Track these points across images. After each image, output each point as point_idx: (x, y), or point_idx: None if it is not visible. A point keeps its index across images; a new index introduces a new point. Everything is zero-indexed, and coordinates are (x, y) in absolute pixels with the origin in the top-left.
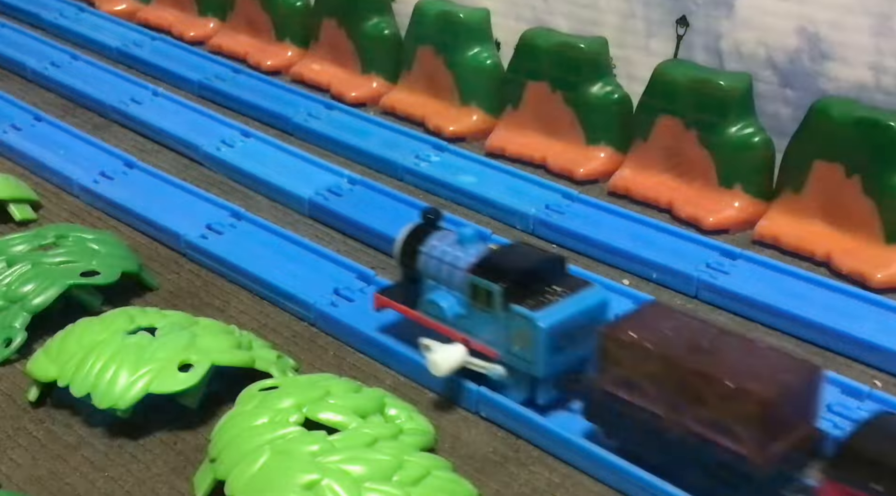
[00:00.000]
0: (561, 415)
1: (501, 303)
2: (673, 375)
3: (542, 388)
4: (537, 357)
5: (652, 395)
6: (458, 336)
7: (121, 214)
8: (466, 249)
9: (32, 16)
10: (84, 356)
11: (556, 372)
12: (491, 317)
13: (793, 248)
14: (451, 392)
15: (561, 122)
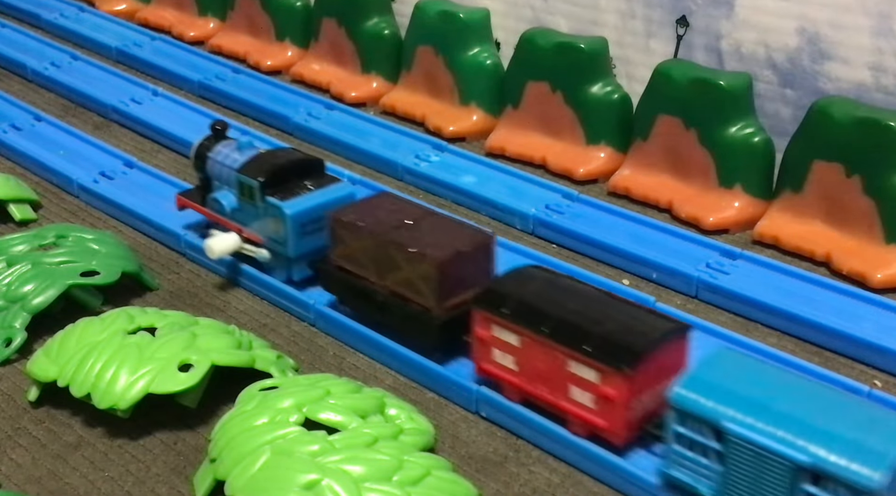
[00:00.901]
0: None
1: (260, 196)
2: (378, 248)
3: (296, 267)
4: (288, 240)
5: (366, 265)
6: (234, 227)
7: (121, 214)
8: (242, 154)
9: (32, 16)
10: (84, 356)
11: (305, 252)
12: (255, 208)
13: (793, 248)
14: (451, 392)
15: (561, 122)
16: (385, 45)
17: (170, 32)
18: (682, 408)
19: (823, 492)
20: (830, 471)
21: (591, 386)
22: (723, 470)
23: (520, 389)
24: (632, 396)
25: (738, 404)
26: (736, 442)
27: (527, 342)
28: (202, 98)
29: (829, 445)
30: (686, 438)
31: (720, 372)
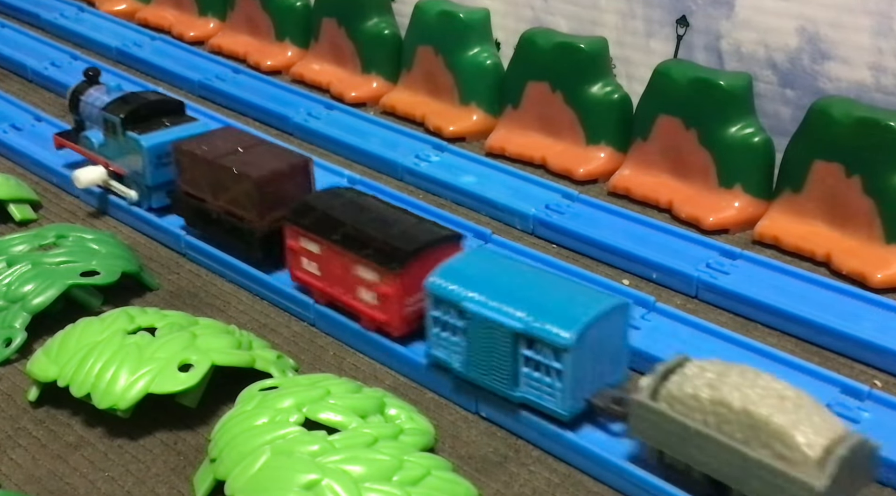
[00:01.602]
0: None
1: (121, 131)
2: (212, 172)
3: (155, 195)
4: (146, 170)
5: (203, 188)
6: (101, 161)
7: (121, 214)
8: (110, 96)
9: (32, 16)
10: (84, 356)
11: (162, 182)
12: (118, 143)
13: (793, 248)
14: (451, 392)
15: (561, 122)
16: (385, 45)
17: (170, 32)
18: (434, 294)
19: (536, 354)
20: (537, 335)
21: (373, 285)
22: (466, 343)
23: (323, 292)
24: (404, 293)
25: (474, 287)
26: (471, 317)
27: (325, 250)
28: (202, 98)
29: (538, 315)
30: (440, 320)
31: (469, 264)
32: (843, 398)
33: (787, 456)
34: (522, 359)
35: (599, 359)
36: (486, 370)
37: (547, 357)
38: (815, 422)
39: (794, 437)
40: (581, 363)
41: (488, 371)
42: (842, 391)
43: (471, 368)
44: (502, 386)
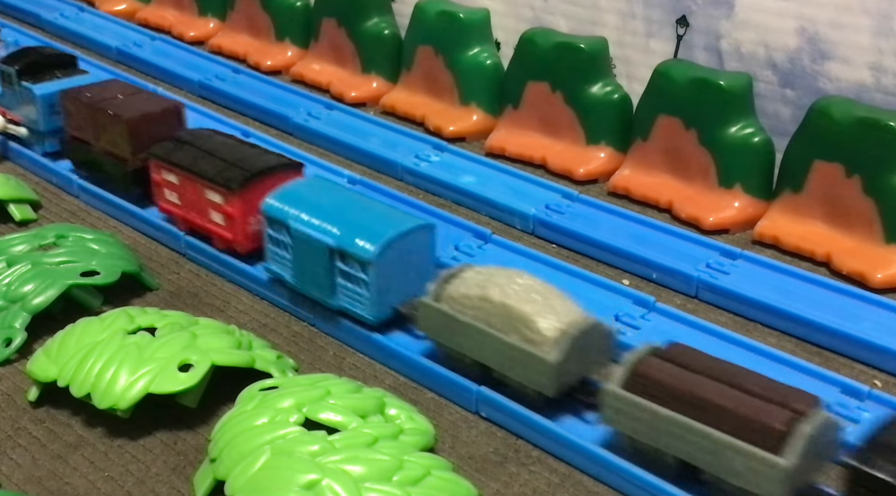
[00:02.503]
0: (561, 415)
1: (17, 81)
2: (92, 115)
3: (48, 141)
4: (39, 118)
5: (86, 131)
6: (0, 110)
7: (121, 214)
8: (8, 50)
9: (32, 16)
10: (84, 356)
11: (54, 128)
12: (14, 92)
13: (793, 248)
14: (451, 392)
15: (561, 122)
16: (385, 45)
17: (170, 32)
18: (267, 214)
19: (348, 266)
20: (347, 249)
21: (220, 207)
22: (294, 258)
23: (183, 219)
24: (246, 213)
25: (301, 208)
26: (296, 235)
27: (182, 179)
28: (202, 98)
29: (349, 232)
30: (274, 238)
31: (301, 189)
32: (843, 398)
33: (532, 338)
34: (338, 271)
35: (405, 273)
36: (311, 282)
37: (356, 269)
38: (557, 310)
39: (536, 323)
40: (385, 275)
41: (312, 282)
42: (842, 391)
43: (299, 280)
44: (323, 295)
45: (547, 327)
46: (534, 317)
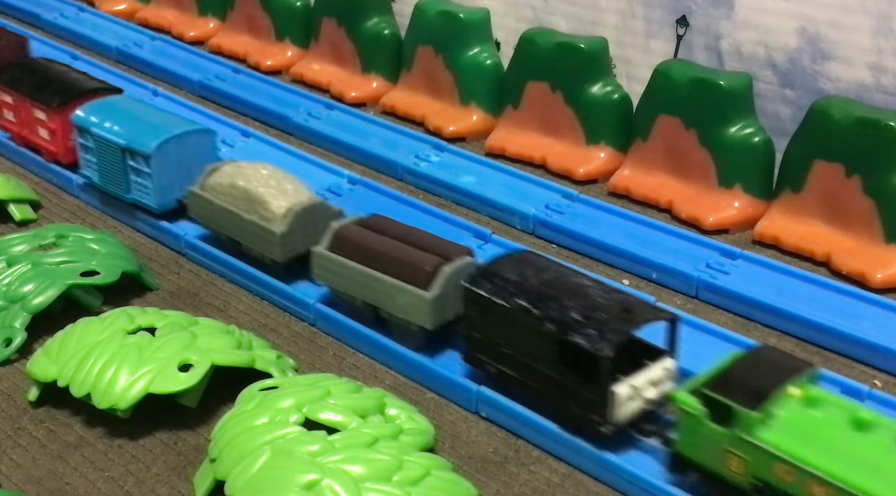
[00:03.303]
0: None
1: None
2: None
3: None
4: None
5: None
6: None
7: (121, 214)
8: None
9: (32, 16)
10: (84, 356)
11: None
12: None
13: (793, 248)
14: (451, 392)
15: (561, 122)
16: (385, 45)
17: (170, 32)
18: (76, 124)
19: (136, 163)
20: (133, 147)
21: (45, 124)
22: (97, 161)
23: (18, 135)
24: (66, 128)
25: (101, 117)
26: (96, 138)
27: (16, 100)
28: (202, 98)
29: (136, 134)
30: (83, 145)
31: (108, 104)
32: None
33: (265, 216)
34: (129, 168)
35: (186, 170)
36: (111, 180)
37: (141, 164)
38: (288, 193)
39: (269, 203)
40: (165, 169)
41: (112, 181)
42: (842, 391)
43: (102, 180)
44: (120, 191)
45: (277, 206)
46: (267, 199)
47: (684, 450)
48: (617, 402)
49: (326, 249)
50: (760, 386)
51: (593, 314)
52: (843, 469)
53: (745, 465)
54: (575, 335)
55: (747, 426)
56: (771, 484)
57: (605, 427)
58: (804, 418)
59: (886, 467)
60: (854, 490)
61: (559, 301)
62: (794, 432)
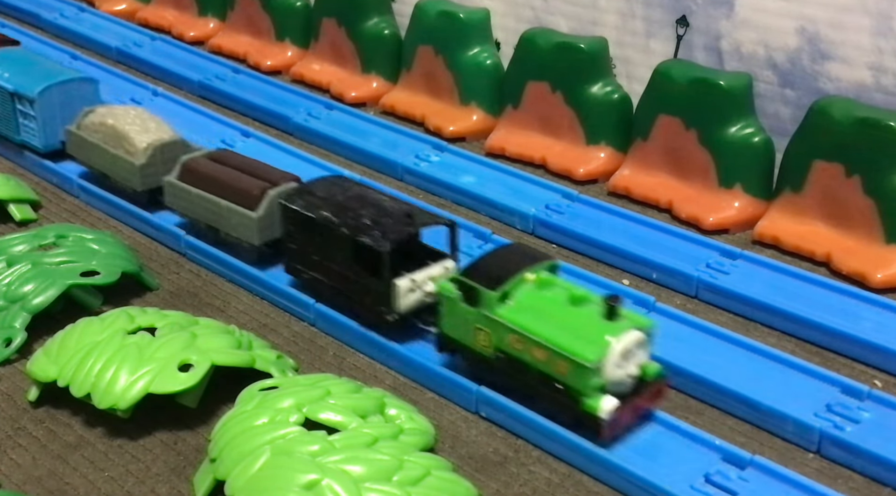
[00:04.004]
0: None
1: None
2: None
3: None
4: None
5: None
6: None
7: (120, 214)
8: None
9: (32, 16)
10: (84, 356)
11: None
12: None
13: (793, 248)
14: (451, 392)
15: (561, 122)
16: (385, 45)
17: (170, 32)
18: None
19: (22, 106)
20: (20, 92)
21: None
22: None
23: None
24: None
25: None
26: None
27: None
28: (202, 98)
29: (24, 80)
30: None
31: (7, 55)
32: (843, 398)
33: (129, 150)
34: (18, 112)
35: (70, 113)
36: (4, 125)
37: (27, 107)
38: (150, 131)
39: (132, 139)
40: (49, 112)
41: (5, 125)
42: (842, 391)
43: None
44: (11, 133)
45: (139, 141)
46: (131, 135)
47: (447, 330)
48: (399, 294)
49: (176, 179)
50: (502, 272)
51: (381, 220)
52: (555, 335)
53: (489, 338)
54: (363, 236)
55: (489, 305)
56: (508, 353)
57: (390, 316)
58: (534, 298)
59: (589, 331)
60: (559, 349)
61: (356, 211)
62: (524, 309)
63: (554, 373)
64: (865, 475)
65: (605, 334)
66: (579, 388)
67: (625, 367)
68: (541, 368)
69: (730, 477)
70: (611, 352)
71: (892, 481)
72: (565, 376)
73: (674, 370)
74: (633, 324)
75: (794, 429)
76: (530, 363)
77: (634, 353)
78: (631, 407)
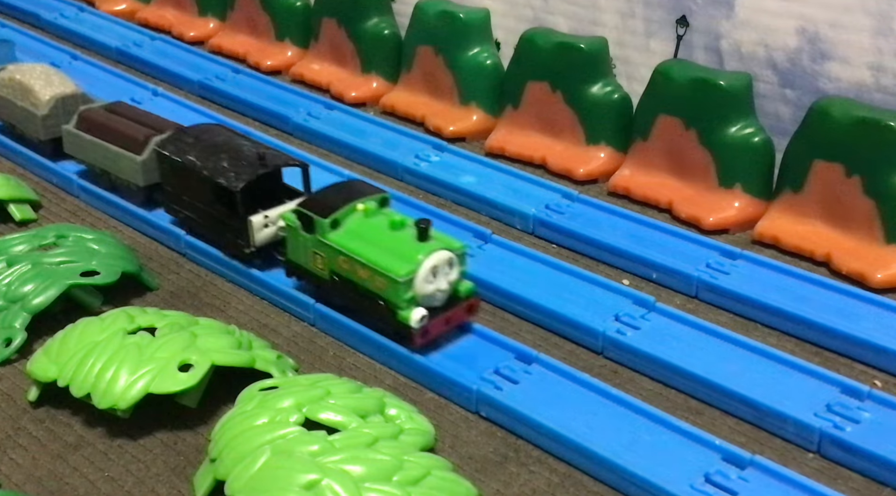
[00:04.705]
0: (561, 416)
1: None
2: None
3: None
4: None
5: None
6: None
7: (121, 214)
8: None
9: (32, 16)
10: (84, 356)
11: None
12: None
13: (793, 248)
14: (451, 392)
15: (561, 122)
16: (385, 45)
17: (170, 32)
18: None
19: None
20: None
21: None
22: None
23: None
24: None
25: None
26: None
27: None
28: (202, 98)
29: None
30: None
31: None
32: (843, 398)
33: (34, 102)
34: None
35: None
36: None
37: None
38: (54, 85)
39: (36, 92)
40: None
41: None
42: (842, 391)
43: None
44: None
45: (42, 94)
46: (35, 89)
47: (291, 257)
48: (253, 229)
49: (73, 127)
50: (334, 203)
51: (238, 162)
52: (375, 255)
53: (324, 262)
54: (220, 177)
55: (322, 231)
56: (340, 274)
57: (247, 248)
58: (361, 225)
59: (403, 251)
60: (377, 268)
61: (218, 155)
62: (351, 235)
63: (375, 289)
64: (865, 475)
65: (417, 254)
66: (395, 301)
67: (434, 283)
68: (365, 286)
69: (730, 477)
70: (421, 268)
71: (892, 481)
72: (384, 291)
73: (674, 370)
74: (444, 245)
75: (794, 429)
76: (357, 282)
77: (444, 271)
78: (443, 319)
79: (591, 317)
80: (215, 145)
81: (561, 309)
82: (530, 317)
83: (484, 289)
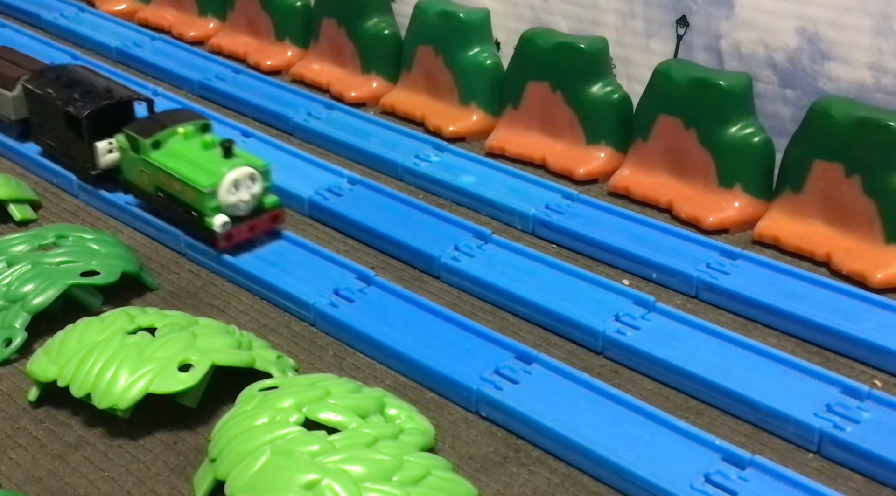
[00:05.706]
0: (561, 416)
1: None
2: None
3: None
4: None
5: None
6: None
7: (121, 214)
8: None
9: (32, 16)
10: (84, 356)
11: None
12: None
13: (793, 248)
14: (451, 392)
15: (561, 122)
16: (385, 45)
17: (170, 32)
18: None
19: None
20: None
21: None
22: None
23: None
24: None
25: None
26: None
27: None
28: (202, 98)
29: None
30: None
31: None
32: (843, 398)
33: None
34: None
35: None
36: None
37: None
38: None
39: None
40: None
41: None
42: (842, 391)
43: None
44: None
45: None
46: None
47: (125, 176)
48: (98, 153)
49: None
50: (157, 127)
51: (87, 94)
52: (187, 171)
53: (149, 178)
54: (70, 106)
55: (145, 151)
56: (162, 189)
57: (93, 171)
58: (179, 145)
59: (210, 166)
60: (187, 181)
61: (73, 89)
62: (170, 154)
63: (187, 200)
64: (865, 475)
65: (221, 168)
66: (202, 210)
67: (237, 194)
68: (181, 198)
69: (730, 477)
70: (224, 180)
71: (892, 481)
72: (194, 201)
73: (674, 370)
74: (247, 162)
75: (794, 429)
76: (175, 195)
77: (247, 184)
78: (247, 226)
79: (591, 317)
80: (72, 81)
81: (561, 309)
82: (530, 317)
83: (484, 289)
